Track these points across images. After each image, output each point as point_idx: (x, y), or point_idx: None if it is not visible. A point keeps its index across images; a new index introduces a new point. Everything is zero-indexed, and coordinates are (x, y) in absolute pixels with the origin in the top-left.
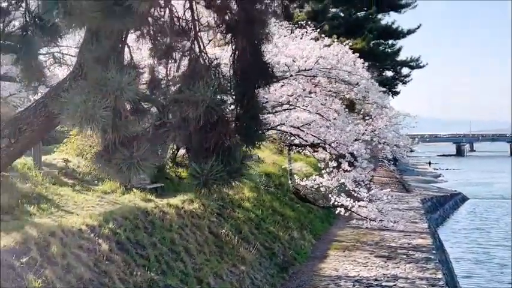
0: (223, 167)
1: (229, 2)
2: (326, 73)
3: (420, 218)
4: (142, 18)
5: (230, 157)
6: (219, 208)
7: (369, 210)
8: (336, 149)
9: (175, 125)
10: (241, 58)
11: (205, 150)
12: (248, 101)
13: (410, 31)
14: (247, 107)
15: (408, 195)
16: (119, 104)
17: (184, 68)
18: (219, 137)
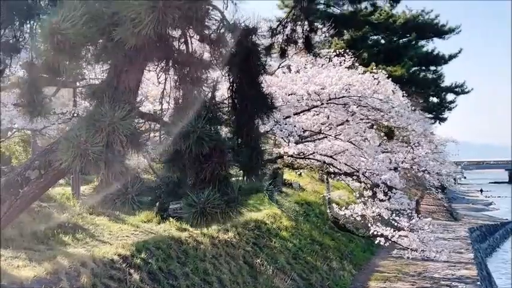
0: (220, 197)
1: (224, 35)
2: (357, 101)
3: (466, 248)
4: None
5: (227, 187)
6: (255, 237)
7: (410, 240)
8: (370, 178)
9: (170, 157)
10: (239, 90)
11: (201, 181)
12: (247, 132)
13: (451, 56)
14: (247, 138)
15: (456, 223)
16: (111, 139)
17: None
18: (215, 168)
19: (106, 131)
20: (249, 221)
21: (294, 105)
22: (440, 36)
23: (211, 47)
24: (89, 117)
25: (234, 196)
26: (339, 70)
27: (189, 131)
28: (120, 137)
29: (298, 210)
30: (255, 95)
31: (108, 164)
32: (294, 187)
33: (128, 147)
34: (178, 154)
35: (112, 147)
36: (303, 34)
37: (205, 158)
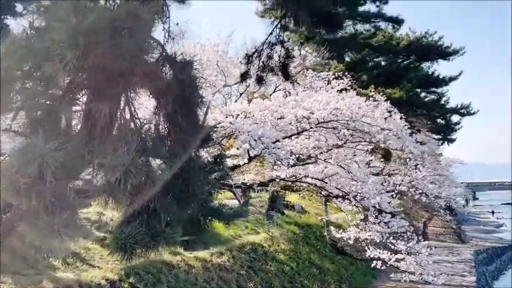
0: (146, 231)
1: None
2: (345, 125)
3: (469, 271)
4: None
5: (155, 220)
6: (250, 261)
7: (407, 263)
8: (360, 201)
9: (101, 189)
10: (174, 122)
11: (131, 214)
12: (181, 164)
13: (452, 78)
14: (181, 170)
15: (462, 246)
16: (42, 170)
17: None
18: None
19: (36, 162)
20: (245, 244)
21: (283, 129)
22: (445, 57)
23: (147, 78)
24: (22, 148)
25: (161, 230)
26: (328, 94)
27: (117, 164)
28: (51, 168)
29: (298, 232)
30: (191, 126)
31: (39, 194)
32: (295, 209)
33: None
34: (109, 186)
35: (43, 178)
36: (279, 61)
37: (135, 191)
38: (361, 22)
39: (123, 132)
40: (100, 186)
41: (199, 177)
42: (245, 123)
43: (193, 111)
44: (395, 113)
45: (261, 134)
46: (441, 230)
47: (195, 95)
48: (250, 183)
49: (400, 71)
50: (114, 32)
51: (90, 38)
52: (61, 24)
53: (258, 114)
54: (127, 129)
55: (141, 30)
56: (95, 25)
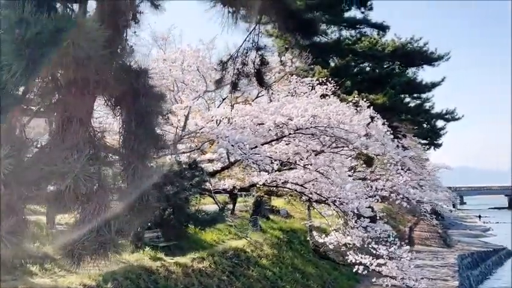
0: (95, 238)
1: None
2: (323, 131)
3: (452, 275)
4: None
5: (105, 228)
6: (233, 266)
7: (389, 268)
8: (339, 206)
9: (52, 197)
10: (129, 130)
11: (81, 221)
12: (135, 172)
13: (435, 84)
14: (134, 178)
15: (447, 250)
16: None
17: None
18: (95, 208)
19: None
20: (228, 249)
21: (262, 135)
22: (430, 63)
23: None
24: None
25: (111, 237)
26: (307, 101)
27: (67, 171)
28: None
29: (282, 237)
30: (145, 135)
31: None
32: (281, 214)
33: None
34: (59, 194)
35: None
36: (254, 68)
37: (86, 198)
38: (346, 28)
39: (75, 140)
40: (50, 193)
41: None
42: (224, 129)
43: (149, 120)
44: (378, 119)
45: (239, 140)
46: (427, 234)
47: (150, 103)
48: (231, 188)
49: (384, 76)
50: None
51: (35, 49)
52: (6, 35)
53: (239, 120)
54: (79, 138)
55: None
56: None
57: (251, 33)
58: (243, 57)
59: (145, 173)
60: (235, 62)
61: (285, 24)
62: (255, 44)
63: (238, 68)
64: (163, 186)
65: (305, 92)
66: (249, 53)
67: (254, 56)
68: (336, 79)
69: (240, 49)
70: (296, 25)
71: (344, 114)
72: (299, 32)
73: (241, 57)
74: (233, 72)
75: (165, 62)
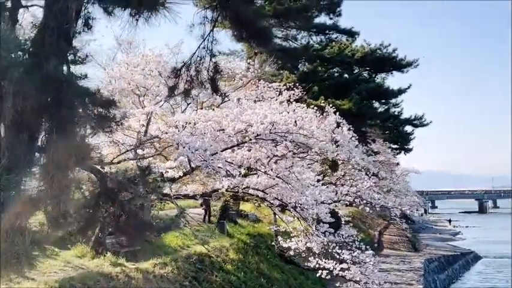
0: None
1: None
2: (283, 137)
3: (417, 279)
4: None
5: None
6: (196, 271)
7: (352, 272)
8: (299, 212)
9: None
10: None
11: None
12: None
13: (401, 91)
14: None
15: (415, 254)
16: None
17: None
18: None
19: None
20: (192, 254)
21: (223, 141)
22: (399, 69)
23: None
24: None
25: (25, 247)
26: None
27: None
28: None
29: (249, 242)
30: (68, 145)
31: None
32: (249, 218)
33: None
34: None
35: None
36: (208, 75)
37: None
38: (316, 34)
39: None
40: None
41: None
42: (184, 136)
43: (72, 129)
44: (344, 125)
45: (199, 147)
46: (396, 238)
47: (73, 114)
48: (193, 194)
49: (351, 82)
50: None
51: None
52: None
53: (202, 125)
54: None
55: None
56: None
57: (205, 40)
58: (196, 65)
59: (64, 184)
60: (188, 69)
61: (238, 33)
62: (209, 51)
63: (191, 75)
64: (117, 192)
65: (272, 97)
66: (202, 61)
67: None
68: (303, 84)
69: (194, 56)
70: (249, 33)
71: (303, 120)
72: (253, 39)
73: (194, 65)
74: (186, 80)
75: (128, 66)
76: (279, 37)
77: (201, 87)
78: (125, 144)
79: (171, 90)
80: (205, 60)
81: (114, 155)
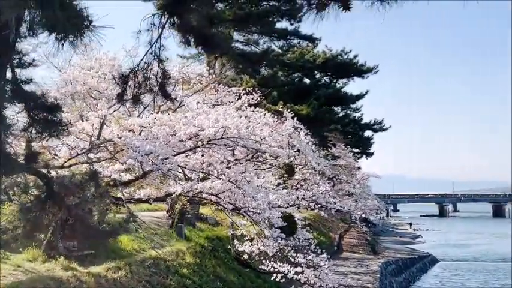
0: None
1: None
2: (235, 142)
3: (373, 282)
4: None
5: None
6: (150, 275)
7: (306, 276)
8: (252, 216)
9: None
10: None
11: None
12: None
13: (359, 96)
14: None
15: (373, 257)
16: None
17: None
18: None
19: None
20: (147, 258)
21: (176, 145)
22: (360, 75)
23: None
24: None
25: None
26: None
27: None
28: None
29: (207, 245)
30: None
31: None
32: (209, 221)
33: None
34: None
35: None
36: (157, 81)
37: None
38: (277, 39)
39: None
40: None
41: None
42: (135, 139)
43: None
44: (301, 130)
45: (149, 151)
46: (356, 241)
47: None
48: (147, 198)
49: (310, 88)
50: None
51: None
52: None
53: (156, 129)
54: None
55: None
56: None
57: (152, 47)
58: (144, 71)
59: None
60: (136, 75)
61: (186, 39)
62: (157, 57)
63: (139, 81)
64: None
65: (231, 102)
66: (150, 67)
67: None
68: (263, 89)
69: (142, 62)
70: (198, 40)
71: (255, 126)
72: (201, 46)
73: (142, 71)
74: (134, 86)
75: (82, 69)
76: (240, 41)
77: (150, 93)
78: (78, 147)
79: (119, 96)
80: (153, 66)
81: (65, 159)
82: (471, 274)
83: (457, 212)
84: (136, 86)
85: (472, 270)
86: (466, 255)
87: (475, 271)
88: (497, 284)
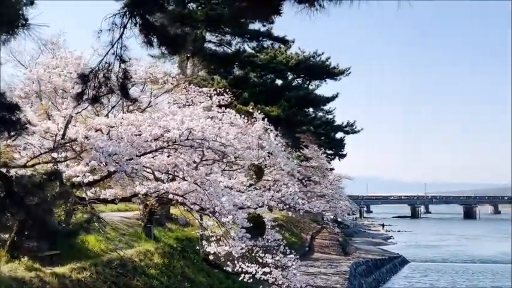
0: None
1: None
2: (200, 144)
3: (342, 283)
4: None
5: None
6: (116, 276)
7: (274, 276)
8: (217, 217)
9: None
10: None
11: None
12: None
13: (329, 99)
14: None
15: (344, 258)
16: None
17: None
18: None
19: None
20: (114, 258)
21: (141, 146)
22: (332, 77)
23: None
24: None
25: None
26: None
27: None
28: None
29: (176, 246)
30: None
31: None
32: (179, 222)
33: None
34: None
35: None
36: (118, 82)
37: None
38: (250, 40)
39: None
40: None
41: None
42: (99, 139)
43: None
44: (272, 131)
45: (113, 151)
46: (328, 242)
47: None
48: (112, 198)
49: (282, 89)
50: None
51: None
52: None
53: (122, 130)
54: None
55: None
56: None
57: (113, 47)
58: (104, 71)
59: None
60: (96, 75)
61: (148, 39)
62: (118, 57)
63: (99, 81)
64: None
65: (202, 102)
66: (111, 67)
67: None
68: (234, 90)
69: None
70: (161, 41)
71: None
72: (164, 46)
73: (103, 71)
74: (94, 86)
75: (47, 68)
76: (213, 42)
77: (111, 93)
78: (43, 147)
79: (78, 96)
80: (114, 66)
81: (28, 158)
82: (440, 275)
83: (428, 214)
84: (96, 86)
85: (441, 271)
86: (436, 256)
87: (444, 272)
88: (465, 285)
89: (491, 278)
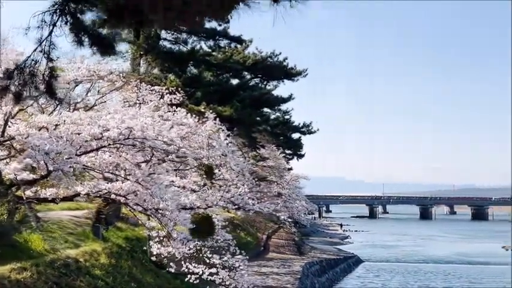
0: None
1: None
2: (142, 143)
3: (293, 283)
4: None
5: None
6: (59, 276)
7: (220, 277)
8: (160, 218)
9: None
10: None
11: None
12: None
13: (285, 99)
14: None
15: (298, 258)
16: None
17: None
18: None
19: None
20: (57, 259)
21: (82, 144)
22: (290, 78)
23: None
24: None
25: None
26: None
27: None
28: None
29: (125, 246)
30: None
31: None
32: (130, 222)
33: None
34: None
35: None
36: (44, 79)
37: None
38: (206, 39)
39: None
40: None
41: None
42: (36, 137)
43: None
44: (223, 131)
45: (50, 150)
46: (284, 242)
47: None
48: (53, 197)
49: (236, 89)
50: None
51: None
52: None
53: (63, 128)
54: None
55: None
56: None
57: (42, 44)
58: (31, 68)
59: None
60: (22, 72)
61: (78, 39)
62: (46, 55)
63: (25, 78)
64: None
65: (153, 101)
66: (38, 64)
67: None
68: (188, 89)
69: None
70: (91, 40)
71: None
72: (94, 46)
73: (29, 68)
74: (19, 83)
75: None
76: (169, 40)
77: (36, 91)
78: None
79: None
80: (41, 64)
81: None
82: (393, 275)
83: (386, 214)
84: (21, 83)
85: (394, 271)
86: (390, 256)
87: (397, 272)
88: (417, 285)
89: (443, 278)
